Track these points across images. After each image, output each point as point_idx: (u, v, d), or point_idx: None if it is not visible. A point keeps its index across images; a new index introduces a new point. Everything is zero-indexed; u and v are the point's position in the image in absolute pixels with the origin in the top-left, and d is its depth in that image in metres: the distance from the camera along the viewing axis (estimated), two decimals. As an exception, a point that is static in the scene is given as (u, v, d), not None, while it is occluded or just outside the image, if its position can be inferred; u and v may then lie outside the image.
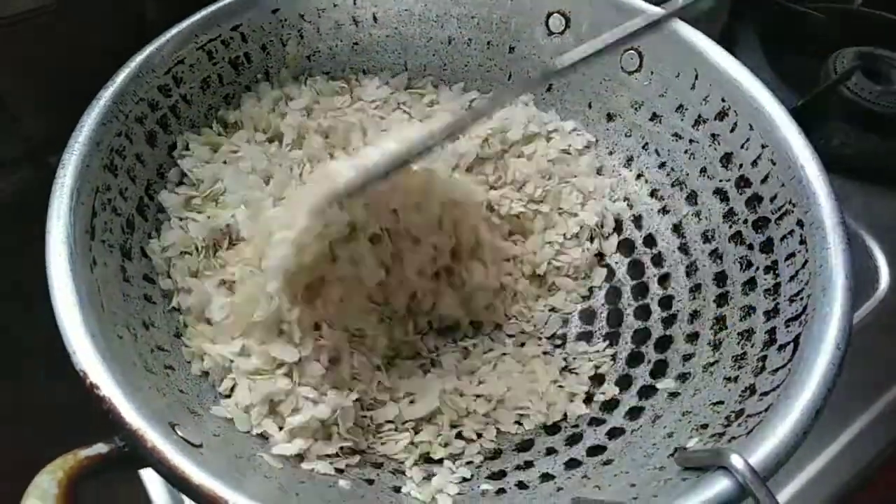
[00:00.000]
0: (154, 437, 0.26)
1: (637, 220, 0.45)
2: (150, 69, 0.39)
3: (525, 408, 0.39)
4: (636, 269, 0.44)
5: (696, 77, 0.41)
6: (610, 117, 0.47)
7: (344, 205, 0.33)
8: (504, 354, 0.42)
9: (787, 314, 0.33)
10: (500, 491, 0.35)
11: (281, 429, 0.34)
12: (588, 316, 0.44)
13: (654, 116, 0.44)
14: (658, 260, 0.43)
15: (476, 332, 0.43)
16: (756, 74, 0.39)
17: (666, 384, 0.37)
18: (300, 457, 0.34)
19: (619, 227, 0.46)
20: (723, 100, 0.40)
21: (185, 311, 0.38)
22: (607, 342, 0.42)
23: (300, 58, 0.47)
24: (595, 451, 0.36)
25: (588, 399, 0.39)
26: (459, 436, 0.38)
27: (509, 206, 0.45)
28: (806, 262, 0.33)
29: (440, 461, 0.36)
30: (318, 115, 0.46)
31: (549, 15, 0.46)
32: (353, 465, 0.35)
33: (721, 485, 0.26)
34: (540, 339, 0.43)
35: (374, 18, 0.48)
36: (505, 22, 0.47)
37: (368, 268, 0.37)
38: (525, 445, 0.38)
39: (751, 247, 0.37)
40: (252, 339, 0.35)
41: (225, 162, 0.42)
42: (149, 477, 0.39)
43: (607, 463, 0.35)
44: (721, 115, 0.40)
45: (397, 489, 0.35)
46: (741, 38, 0.62)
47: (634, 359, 0.40)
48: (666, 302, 0.42)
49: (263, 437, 0.34)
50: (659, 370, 0.39)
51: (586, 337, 0.43)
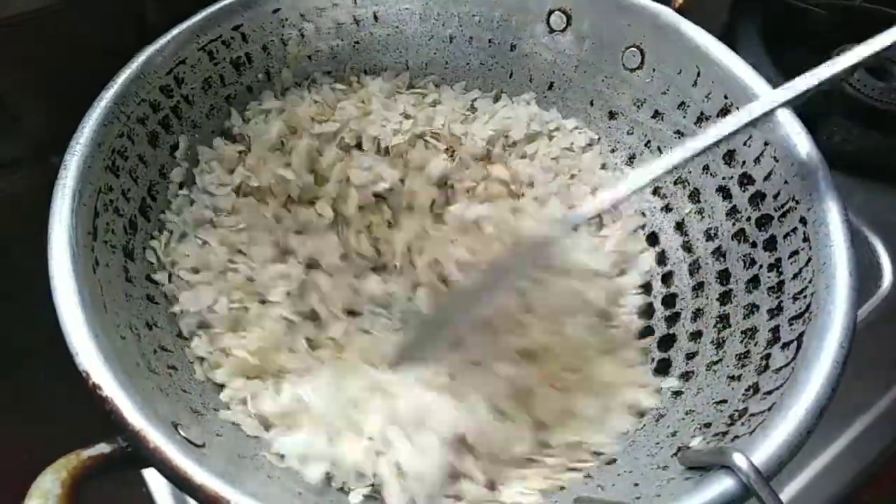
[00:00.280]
0: (156, 438, 0.26)
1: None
2: (151, 70, 0.39)
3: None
4: (639, 267, 0.44)
5: (698, 74, 0.41)
6: (612, 115, 0.47)
7: None
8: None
9: (791, 312, 0.33)
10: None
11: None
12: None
13: (657, 114, 0.44)
14: (661, 258, 0.43)
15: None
16: (758, 71, 0.39)
17: (669, 383, 0.37)
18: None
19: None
20: (725, 97, 0.39)
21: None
22: (610, 341, 0.42)
23: (301, 57, 0.47)
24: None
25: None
26: None
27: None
28: (809, 259, 0.33)
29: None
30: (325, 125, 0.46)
31: (551, 13, 0.46)
32: None
33: (724, 484, 0.26)
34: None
35: (375, 17, 0.47)
36: (506, 20, 0.47)
37: None
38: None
39: (754, 244, 0.37)
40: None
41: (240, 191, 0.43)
42: (152, 477, 0.39)
43: (610, 462, 0.35)
44: (723, 112, 0.40)
45: None
46: (743, 35, 0.62)
47: (638, 357, 0.40)
48: (669, 300, 0.41)
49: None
50: (662, 369, 0.39)
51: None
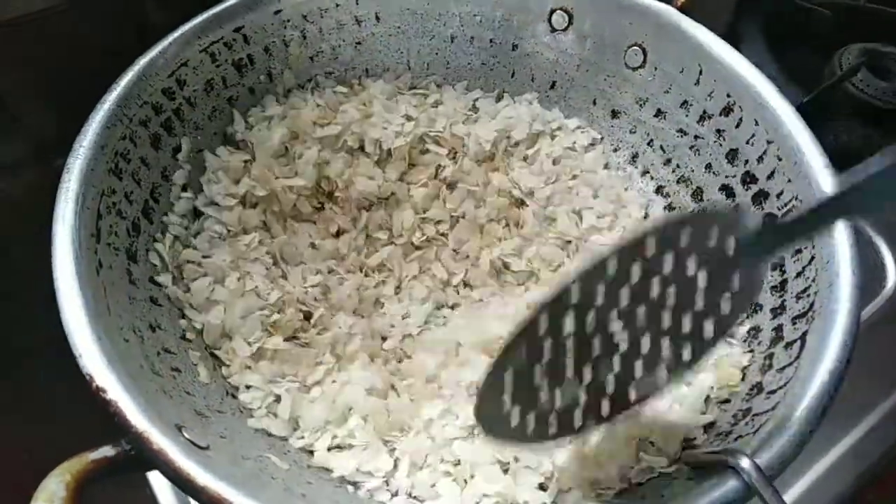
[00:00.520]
0: (160, 440, 0.26)
1: (643, 217, 0.45)
2: (153, 72, 0.39)
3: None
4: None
5: (701, 73, 0.41)
6: (614, 114, 0.47)
7: None
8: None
9: (794, 311, 0.33)
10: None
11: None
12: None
13: (659, 113, 0.44)
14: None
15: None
16: (761, 70, 0.39)
17: (672, 382, 0.37)
18: (311, 453, 0.35)
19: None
20: (728, 95, 0.39)
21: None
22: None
23: (303, 58, 0.47)
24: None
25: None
26: None
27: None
28: (812, 257, 0.33)
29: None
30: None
31: (552, 12, 0.46)
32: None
33: (727, 484, 0.26)
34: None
35: (377, 17, 0.47)
36: (507, 19, 0.47)
37: None
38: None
39: (757, 243, 0.37)
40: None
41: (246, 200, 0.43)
42: (156, 479, 0.40)
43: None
44: (726, 111, 0.40)
45: None
46: (746, 34, 0.62)
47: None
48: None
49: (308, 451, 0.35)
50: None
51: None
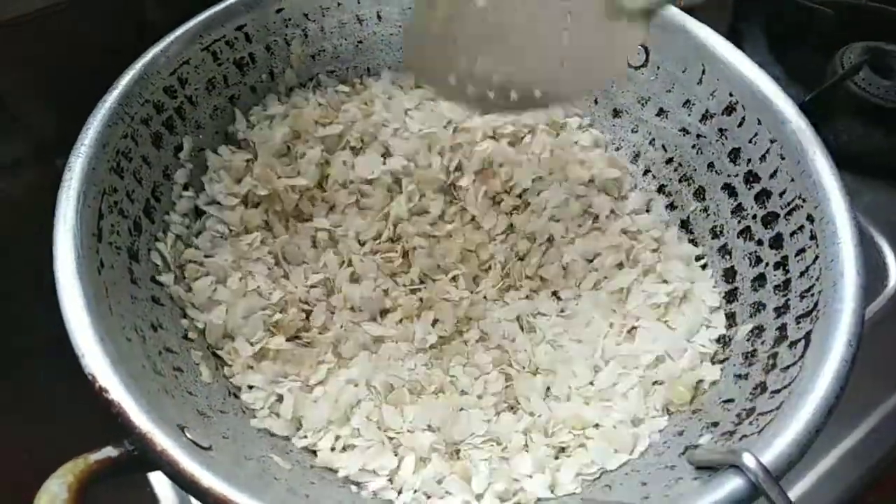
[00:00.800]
0: (163, 441, 0.26)
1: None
2: (155, 71, 0.39)
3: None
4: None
5: (703, 72, 0.41)
6: (616, 113, 0.47)
7: None
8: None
9: (798, 310, 0.33)
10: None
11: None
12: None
13: (661, 112, 0.44)
14: (666, 256, 0.43)
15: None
16: (763, 69, 0.38)
17: (675, 382, 0.37)
18: (314, 453, 0.35)
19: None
20: (730, 94, 0.39)
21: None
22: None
23: (305, 57, 0.47)
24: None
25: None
26: None
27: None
28: (816, 257, 0.33)
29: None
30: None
31: (554, 11, 0.46)
32: None
33: (733, 484, 0.26)
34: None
35: (379, 16, 0.47)
36: (509, 18, 0.47)
37: None
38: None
39: (760, 242, 0.37)
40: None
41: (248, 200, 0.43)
42: (158, 480, 0.39)
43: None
44: (729, 110, 0.39)
45: None
46: (748, 34, 0.62)
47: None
48: (675, 299, 0.41)
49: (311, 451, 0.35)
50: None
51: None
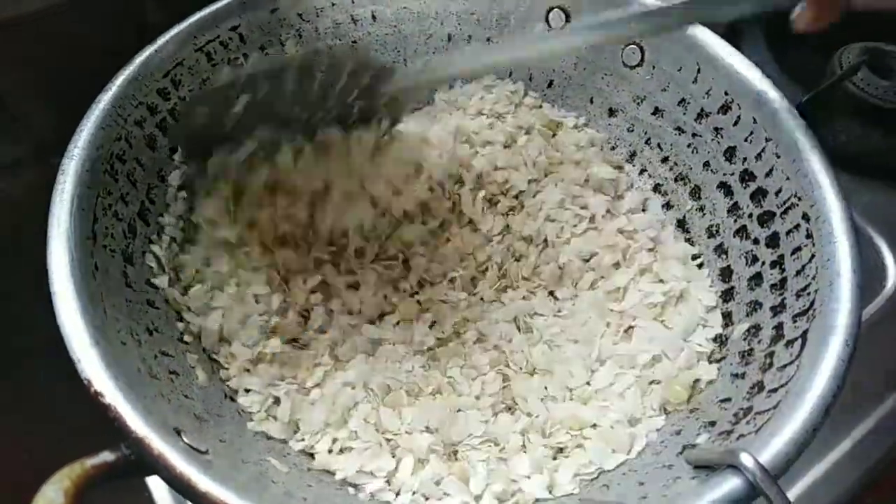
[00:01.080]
0: (160, 445, 0.26)
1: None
2: (148, 72, 0.38)
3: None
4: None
5: (699, 71, 0.41)
6: (612, 112, 0.47)
7: None
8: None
9: (795, 309, 0.33)
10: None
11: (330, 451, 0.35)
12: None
13: (657, 111, 0.44)
14: (662, 255, 0.43)
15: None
16: (761, 69, 0.38)
17: (673, 381, 0.37)
18: (311, 455, 0.35)
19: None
20: (726, 93, 0.39)
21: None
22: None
23: (299, 58, 0.46)
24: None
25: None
26: None
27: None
28: (812, 256, 0.33)
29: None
30: None
31: (549, 10, 0.46)
32: None
33: (731, 483, 0.26)
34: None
35: (373, 17, 0.47)
36: (505, 18, 0.47)
37: None
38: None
39: (756, 241, 0.37)
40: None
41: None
42: (155, 484, 0.39)
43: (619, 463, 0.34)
44: (724, 109, 0.39)
45: None
46: (747, 33, 0.61)
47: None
48: (671, 298, 0.41)
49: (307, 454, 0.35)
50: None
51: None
